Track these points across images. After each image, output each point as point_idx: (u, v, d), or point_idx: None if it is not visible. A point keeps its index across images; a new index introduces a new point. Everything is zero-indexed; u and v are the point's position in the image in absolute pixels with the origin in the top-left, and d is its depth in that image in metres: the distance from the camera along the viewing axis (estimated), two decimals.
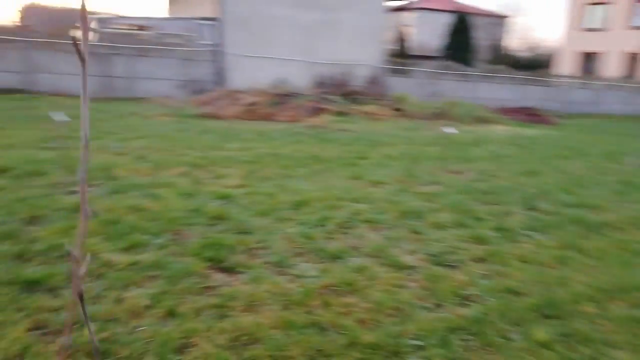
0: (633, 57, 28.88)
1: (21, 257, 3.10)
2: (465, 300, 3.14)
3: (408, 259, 3.71)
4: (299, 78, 16.21)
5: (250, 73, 15.76)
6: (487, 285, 3.34)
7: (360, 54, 17.72)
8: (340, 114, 13.23)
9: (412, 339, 2.62)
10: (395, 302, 3.02)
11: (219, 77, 16.30)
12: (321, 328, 2.66)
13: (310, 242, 3.85)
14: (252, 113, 12.25)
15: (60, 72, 14.34)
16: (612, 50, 29.72)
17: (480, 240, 4.20)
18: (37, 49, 14.33)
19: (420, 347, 2.55)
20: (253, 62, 16.39)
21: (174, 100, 13.95)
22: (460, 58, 23.89)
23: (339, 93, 15.28)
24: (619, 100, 23.86)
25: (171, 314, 2.62)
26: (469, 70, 21.20)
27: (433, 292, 3.20)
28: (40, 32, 15.40)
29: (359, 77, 17.35)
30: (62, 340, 2.16)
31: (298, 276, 3.26)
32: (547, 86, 22.51)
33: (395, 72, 19.65)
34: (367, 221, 4.48)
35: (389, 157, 7.90)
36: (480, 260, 3.80)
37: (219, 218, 4.18)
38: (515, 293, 3.27)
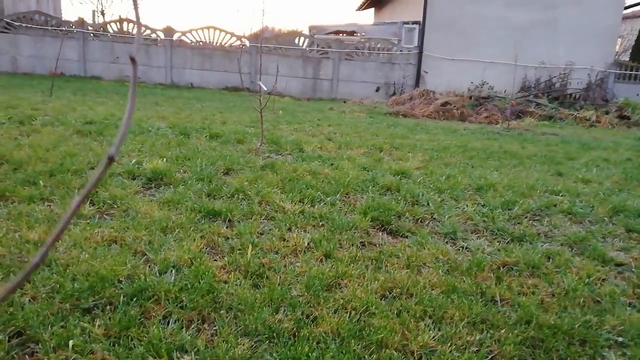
0: None
1: (211, 195, 3.46)
2: None
3: (617, 255, 2.98)
4: (503, 81, 15.03)
5: (449, 76, 15.30)
6: None
7: (580, 56, 15.57)
8: (547, 118, 11.81)
9: (609, 332, 2.04)
10: (592, 293, 2.43)
11: (417, 79, 16.24)
12: (490, 299, 2.28)
13: (490, 222, 3.41)
14: (445, 113, 11.81)
15: (274, 74, 16.14)
16: None
17: None
18: (264, 53, 16.43)
19: (619, 344, 1.97)
20: (453, 65, 15.88)
21: (370, 100, 14.41)
22: None
23: (549, 97, 13.69)
24: None
25: (328, 256, 2.57)
26: None
27: None
28: (269, 37, 17.67)
29: (575, 81, 15.27)
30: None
31: (469, 249, 2.90)
32: None
33: (625, 77, 16.71)
34: (567, 212, 3.78)
35: (606, 160, 6.65)
36: None
37: (391, 189, 4.03)
38: None
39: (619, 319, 2.17)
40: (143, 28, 15.85)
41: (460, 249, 2.91)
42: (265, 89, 6.59)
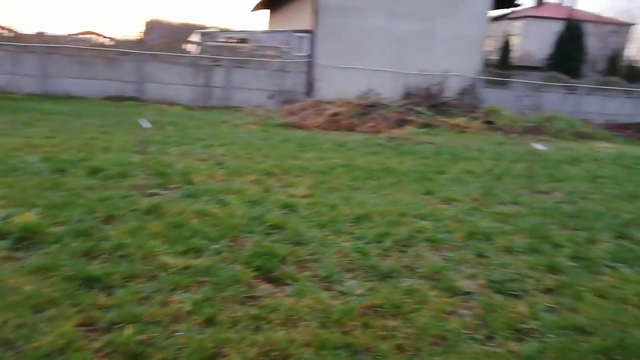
0: None
1: (89, 254, 3.39)
2: (521, 334, 2.86)
3: (465, 284, 3.47)
4: (388, 89, 16.06)
5: (340, 84, 15.93)
6: (550, 320, 3.02)
7: (454, 64, 17.12)
8: (425, 125, 12.89)
9: None
10: (441, 329, 2.83)
11: (309, 87, 16.70)
12: (355, 351, 2.57)
13: (364, 258, 3.76)
14: (334, 123, 12.37)
15: (165, 81, 15.65)
16: None
17: (553, 269, 3.82)
18: (148, 61, 15.73)
19: None
20: (343, 73, 16.57)
21: (263, 109, 14.55)
22: (567, 69, 22.05)
23: (428, 104, 14.91)
24: None
25: (210, 321, 2.69)
26: (575, 82, 19.54)
27: (486, 323, 2.96)
28: (154, 45, 16.96)
29: (450, 89, 16.78)
30: None
31: (343, 293, 3.20)
32: None
33: (492, 83, 18.68)
34: (429, 240, 4.28)
35: (469, 172, 7.50)
36: (549, 291, 3.45)
37: (277, 227, 4.24)
38: (582, 331, 2.92)
39: (461, 356, 2.59)
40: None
41: (336, 293, 3.19)
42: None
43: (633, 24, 39.11)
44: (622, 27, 38.21)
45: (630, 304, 3.34)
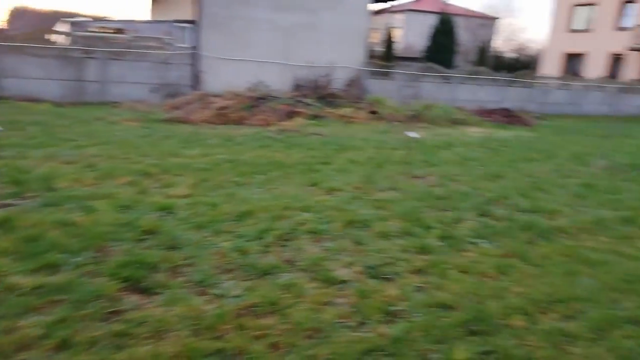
0: (617, 58, 29.09)
1: None
2: (391, 316, 3.00)
3: (342, 273, 3.56)
4: (277, 81, 16.02)
5: (227, 76, 15.54)
6: (418, 300, 3.21)
7: (340, 56, 17.57)
8: (314, 117, 13.08)
9: None
10: (316, 322, 2.87)
11: (195, 80, 16.08)
12: (226, 356, 2.50)
13: (243, 257, 3.69)
14: (223, 117, 12.05)
15: (29, 76, 14.07)
16: (596, 51, 29.92)
17: (423, 250, 4.07)
18: (8, 53, 13.99)
19: None
20: (230, 65, 16.19)
21: (145, 104, 13.71)
22: (442, 60, 23.84)
23: (316, 96, 15.14)
24: (598, 100, 23.99)
25: (63, 345, 2.44)
26: (450, 72, 21.16)
27: (360, 309, 3.05)
28: (16, 35, 15.11)
29: (338, 80, 17.20)
30: None
31: (219, 296, 3.10)
32: (528, 87, 22.54)
33: (376, 74, 19.52)
34: (310, 232, 4.33)
35: (353, 162, 7.75)
36: (419, 272, 3.67)
37: (150, 232, 4.00)
38: (446, 307, 3.13)
39: (333, 345, 2.63)
40: None
41: (211, 297, 3.08)
42: None
43: (498, 18, 43.43)
44: (488, 21, 42.24)
45: (488, 276, 3.67)
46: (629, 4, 28.63)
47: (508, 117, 16.79)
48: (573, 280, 3.66)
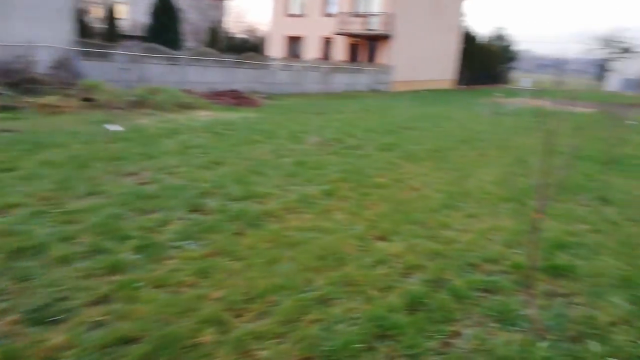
0: (327, 41, 33.08)
1: None
2: None
3: None
4: None
5: None
6: (92, 341, 2.60)
7: (41, 33, 14.74)
8: (5, 108, 10.62)
9: None
10: None
11: None
12: None
13: None
14: None
15: None
16: (311, 34, 33.39)
17: (114, 269, 3.45)
18: None
19: None
20: None
21: None
22: (168, 40, 22.78)
23: (9, 82, 12.37)
24: (316, 80, 26.94)
25: None
26: (177, 54, 20.34)
27: None
28: None
29: (40, 63, 14.45)
30: None
31: None
32: (255, 69, 23.58)
33: (93, 55, 17.20)
34: None
35: (49, 163, 6.40)
36: (102, 301, 3.04)
37: None
38: (128, 341, 2.62)
39: None
40: None
41: None
42: None
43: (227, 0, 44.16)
44: (218, 2, 42.60)
45: (186, 285, 3.31)
46: None
47: (237, 98, 17.17)
48: (273, 269, 3.62)
